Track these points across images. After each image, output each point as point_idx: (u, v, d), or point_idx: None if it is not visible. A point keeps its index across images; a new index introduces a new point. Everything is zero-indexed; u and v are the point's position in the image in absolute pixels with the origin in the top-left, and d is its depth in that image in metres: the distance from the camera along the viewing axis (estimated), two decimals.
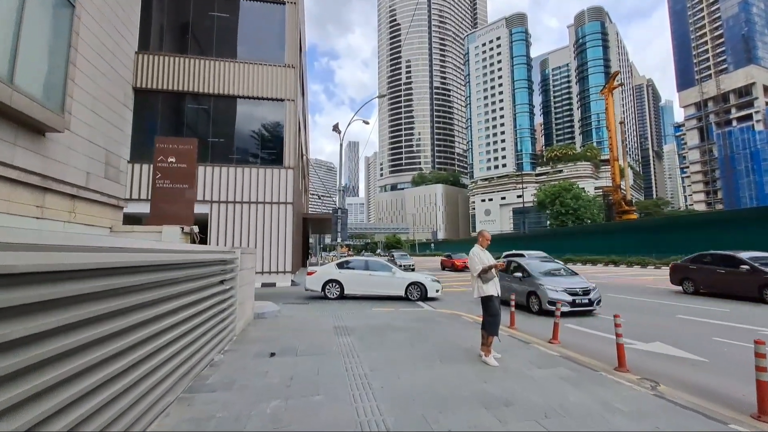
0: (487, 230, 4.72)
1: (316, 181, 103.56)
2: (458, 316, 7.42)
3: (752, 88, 78.72)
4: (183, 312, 3.18)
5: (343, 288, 10.24)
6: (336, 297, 10.21)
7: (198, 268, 3.82)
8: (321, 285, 10.29)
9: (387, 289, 10.14)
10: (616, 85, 46.49)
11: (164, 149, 6.38)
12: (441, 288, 10.41)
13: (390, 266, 10.54)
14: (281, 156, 16.12)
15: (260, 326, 6.14)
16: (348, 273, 10.33)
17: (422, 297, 10.05)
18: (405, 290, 10.07)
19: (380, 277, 10.18)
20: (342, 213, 20.81)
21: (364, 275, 10.25)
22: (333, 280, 10.31)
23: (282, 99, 16.24)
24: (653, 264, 23.73)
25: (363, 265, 10.56)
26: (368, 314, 7.54)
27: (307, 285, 10.53)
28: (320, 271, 10.65)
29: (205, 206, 15.06)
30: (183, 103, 15.63)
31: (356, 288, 10.22)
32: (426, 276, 10.50)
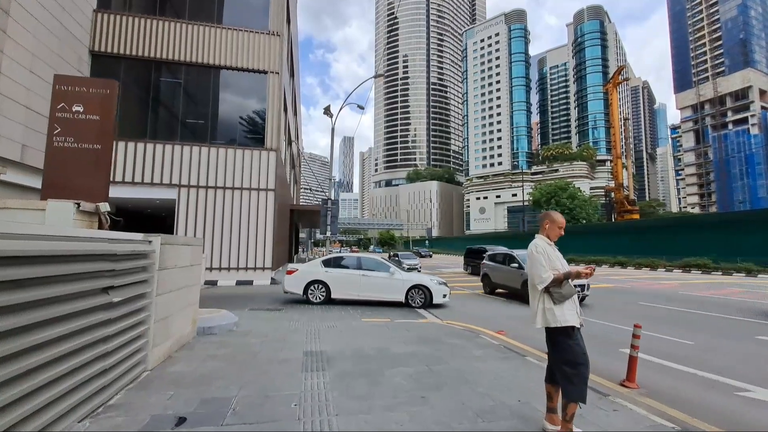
0: (557, 213, 2.82)
1: (310, 176, 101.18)
2: (476, 333, 5.61)
3: (749, 92, 78.70)
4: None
5: (330, 291, 8.47)
6: (320, 301, 8.44)
7: (49, 265, 1.97)
8: (303, 287, 8.51)
9: (383, 293, 8.35)
10: (621, 80, 45.10)
11: (66, 93, 4.41)
12: (449, 293, 8.63)
13: (388, 265, 8.68)
14: (262, 136, 14.12)
15: (198, 351, 4.25)
16: (336, 273, 8.53)
17: (426, 303, 8.31)
18: (405, 295, 8.30)
19: (375, 279, 8.38)
20: (332, 204, 18.90)
21: (355, 276, 8.44)
22: (317, 282, 8.52)
23: (264, 71, 14.21)
24: (663, 266, 22.34)
25: (354, 263, 8.76)
26: (356, 329, 5.69)
27: (286, 286, 8.72)
28: (302, 269, 8.80)
29: (171, 191, 13.03)
30: (150, 71, 13.51)
31: (346, 291, 8.44)
32: (431, 278, 8.73)
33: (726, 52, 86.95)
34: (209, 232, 13.10)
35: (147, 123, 13.32)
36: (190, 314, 4.77)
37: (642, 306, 8.96)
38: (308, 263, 9.31)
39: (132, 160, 12.78)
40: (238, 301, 8.62)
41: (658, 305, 9.05)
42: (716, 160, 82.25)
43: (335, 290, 8.45)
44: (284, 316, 6.70)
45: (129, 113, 13.29)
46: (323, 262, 8.80)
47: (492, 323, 6.78)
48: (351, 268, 8.59)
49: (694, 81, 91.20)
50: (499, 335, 5.78)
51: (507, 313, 8.05)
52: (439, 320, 6.94)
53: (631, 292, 11.96)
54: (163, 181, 12.95)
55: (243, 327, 5.62)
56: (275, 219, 13.82)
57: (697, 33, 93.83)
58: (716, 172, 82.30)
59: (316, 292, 8.52)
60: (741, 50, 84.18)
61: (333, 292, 8.46)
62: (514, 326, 6.51)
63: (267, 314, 6.90)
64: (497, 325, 6.61)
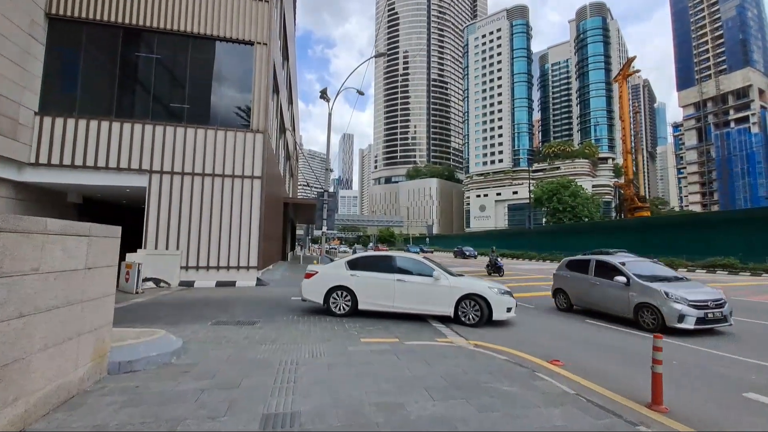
0: None
1: (309, 173, 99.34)
2: (525, 365, 3.90)
3: (749, 91, 77.76)
4: None
5: (356, 299, 6.61)
6: (345, 313, 6.60)
7: None
8: (323, 294, 6.73)
9: (425, 303, 6.40)
10: (631, 72, 43.44)
11: None
12: (515, 306, 6.43)
13: (430, 267, 6.64)
14: (248, 116, 12.35)
15: (81, 414, 2.53)
16: (364, 277, 6.63)
17: (483, 319, 6.13)
18: (455, 307, 6.26)
19: (414, 285, 6.44)
20: (329, 197, 17.17)
21: (389, 281, 6.49)
22: (341, 288, 6.68)
23: (251, 42, 12.41)
24: (684, 266, 20.78)
25: (388, 264, 6.75)
26: (351, 360, 3.96)
27: (304, 293, 6.96)
28: (323, 272, 6.94)
29: (141, 177, 11.26)
30: (117, 39, 11.68)
31: (376, 300, 6.53)
32: (489, 284, 6.45)
33: (728, 51, 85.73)
34: (185, 226, 11.35)
35: (113, 99, 11.51)
36: (90, 345, 3.05)
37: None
38: (331, 264, 7.41)
39: (95, 141, 10.99)
40: (207, 310, 6.90)
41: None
42: (719, 158, 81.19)
43: (363, 299, 6.58)
44: (256, 335, 4.98)
45: (92, 87, 11.50)
46: (349, 263, 6.90)
47: (534, 343, 5.11)
48: (383, 271, 6.63)
49: (696, 79, 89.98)
50: (553, 365, 4.12)
51: (575, 332, 6.31)
52: (464, 339, 5.25)
53: None
54: (131, 165, 11.17)
55: (188, 357, 3.90)
56: (263, 211, 12.09)
57: (700, 31, 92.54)
58: (718, 170, 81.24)
59: (339, 301, 6.67)
60: (741, 49, 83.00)
61: (360, 302, 6.59)
62: (569, 350, 4.85)
63: (234, 332, 5.17)
64: (544, 347, 4.95)
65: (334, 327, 5.73)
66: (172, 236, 11.20)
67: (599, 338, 5.66)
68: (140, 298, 8.56)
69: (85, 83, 11.44)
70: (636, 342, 5.38)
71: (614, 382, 3.69)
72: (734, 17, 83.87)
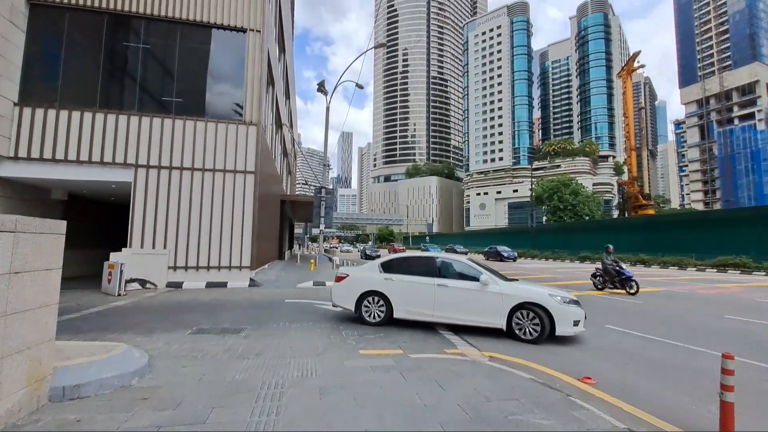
0: None
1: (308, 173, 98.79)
2: (557, 388, 3.28)
3: (755, 86, 76.86)
4: None
5: (391, 306, 5.81)
6: (378, 321, 5.84)
7: None
8: (354, 300, 5.99)
9: (471, 313, 5.44)
10: (636, 67, 42.68)
11: None
12: (584, 318, 5.28)
13: (477, 270, 5.65)
14: (240, 108, 11.68)
15: None
16: (400, 281, 5.84)
17: (544, 334, 5.04)
18: (508, 319, 5.26)
19: (458, 292, 5.50)
20: (327, 194, 16.55)
21: (428, 286, 5.63)
22: (374, 293, 5.93)
23: (243, 29, 11.74)
24: (693, 265, 20.19)
25: (428, 266, 5.89)
26: (347, 381, 3.32)
27: (335, 299, 6.28)
28: (354, 276, 6.21)
29: (126, 172, 10.60)
30: (101, 26, 10.99)
31: (413, 308, 5.69)
32: (549, 291, 5.41)
33: (733, 46, 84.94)
34: (173, 223, 10.70)
35: (98, 89, 10.83)
36: (19, 369, 2.42)
37: (729, 320, 6.70)
38: (363, 266, 6.56)
39: (77, 133, 10.33)
40: (190, 315, 6.27)
41: (748, 319, 6.79)
42: (721, 155, 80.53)
43: (399, 306, 5.77)
44: (239, 347, 4.35)
45: (75, 77, 10.82)
46: (382, 265, 6.15)
47: (552, 352, 4.48)
48: (421, 274, 5.80)
49: (699, 75, 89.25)
50: (585, 384, 3.49)
51: (593, 337, 5.70)
52: (476, 350, 4.61)
53: (692, 297, 9.71)
54: (116, 159, 10.52)
55: (153, 377, 3.26)
56: (256, 208, 11.44)
57: (704, 26, 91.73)
58: (721, 168, 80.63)
59: (372, 309, 5.91)
60: (749, 44, 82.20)
61: (396, 309, 5.79)
62: (594, 361, 4.22)
63: (215, 342, 4.53)
64: (567, 358, 4.32)
65: (330, 336, 5.09)
66: (159, 234, 10.56)
67: (625, 345, 5.02)
68: (121, 300, 7.93)
69: (67, 72, 10.77)
70: (660, 348, 4.75)
71: (661, 405, 3.06)
72: (742, 10, 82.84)
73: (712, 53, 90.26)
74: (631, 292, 9.97)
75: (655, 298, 9.60)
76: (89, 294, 8.89)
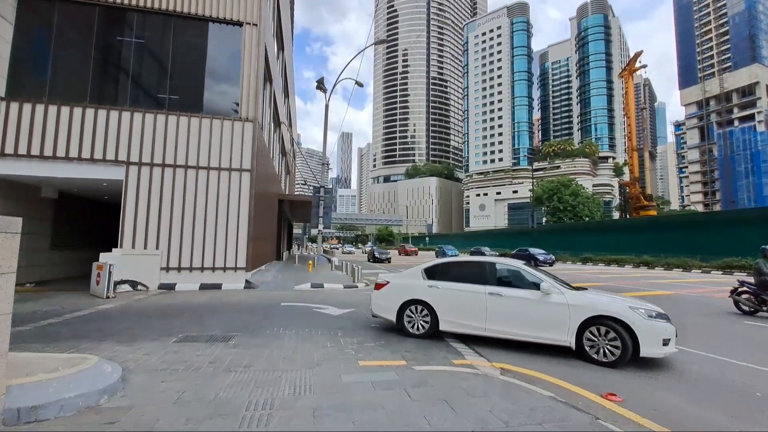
0: None
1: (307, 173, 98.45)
2: (580, 408, 2.91)
3: (755, 88, 76.82)
4: None
5: (437, 317, 5.15)
6: (423, 333, 5.19)
7: None
8: (396, 309, 5.40)
9: (531, 327, 4.62)
10: (637, 67, 42.40)
11: None
12: (675, 335, 4.32)
13: (536, 276, 4.87)
14: (236, 104, 11.31)
15: None
16: (446, 288, 5.16)
17: (624, 355, 4.17)
18: (577, 335, 4.40)
19: (515, 302, 4.72)
20: (325, 193, 16.19)
21: (479, 295, 4.90)
22: (417, 302, 5.30)
23: (239, 22, 11.38)
24: (698, 267, 19.86)
25: (478, 273, 5.13)
26: (345, 398, 2.92)
27: (374, 308, 5.73)
28: (395, 282, 5.62)
29: (117, 169, 10.22)
30: (92, 18, 10.62)
31: (462, 320, 5.00)
32: (632, 302, 4.50)
33: (733, 47, 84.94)
34: (166, 223, 10.31)
35: (88, 83, 10.44)
36: None
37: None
38: (405, 272, 5.88)
39: (67, 129, 9.94)
40: (178, 320, 5.88)
41: None
42: (721, 157, 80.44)
43: (445, 317, 5.10)
44: (227, 358, 3.97)
45: (65, 70, 10.45)
46: (426, 271, 5.50)
47: (569, 364, 4.11)
48: (470, 281, 5.08)
49: (699, 77, 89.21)
50: (610, 401, 3.13)
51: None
52: (485, 361, 4.24)
53: (711, 303, 9.35)
54: (107, 156, 10.14)
55: (125, 394, 2.89)
56: (252, 207, 11.06)
57: (704, 28, 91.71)
58: (721, 169, 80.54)
59: (415, 319, 5.29)
60: (748, 45, 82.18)
61: (441, 320, 5.12)
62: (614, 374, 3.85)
63: (201, 352, 4.15)
64: (587, 371, 3.96)
65: (327, 343, 4.72)
66: (152, 234, 10.17)
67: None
68: (109, 303, 7.55)
69: (57, 66, 10.39)
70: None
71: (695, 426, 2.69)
72: (742, 12, 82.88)
73: (712, 55, 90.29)
74: None
75: (668, 302, 9.21)
76: (77, 296, 8.51)
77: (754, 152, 73.94)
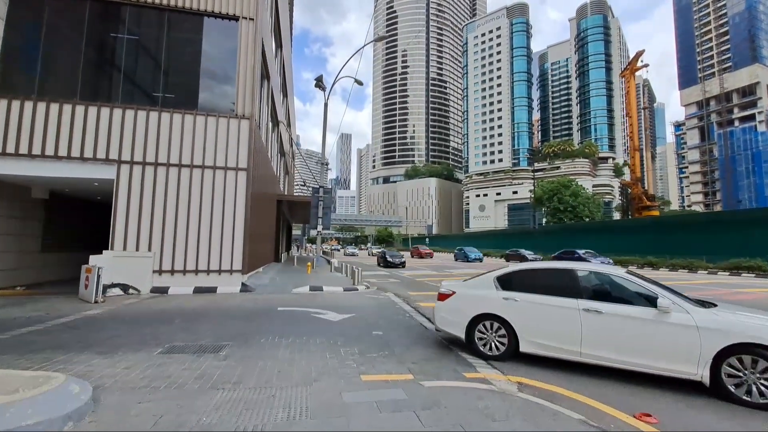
0: None
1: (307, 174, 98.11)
2: None
3: (756, 88, 76.76)
4: None
5: (516, 336, 4.31)
6: (499, 355, 4.38)
7: None
8: (464, 325, 4.61)
9: (646, 355, 3.62)
10: (639, 66, 42.14)
11: None
12: None
13: (651, 289, 3.83)
14: (231, 100, 10.94)
15: None
16: (527, 302, 4.32)
17: None
18: (712, 366, 3.32)
19: (622, 322, 3.75)
20: (324, 193, 15.83)
21: (571, 312, 3.99)
22: (490, 317, 4.49)
23: (235, 16, 11.02)
24: (704, 268, 19.51)
25: (566, 282, 4.23)
26: (348, 426, 2.60)
27: (438, 322, 4.99)
28: (462, 293, 4.83)
29: (108, 168, 9.84)
30: (83, 11, 10.25)
31: (551, 341, 4.11)
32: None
33: (733, 47, 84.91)
34: (158, 224, 9.93)
35: (78, 79, 10.06)
36: None
37: None
38: (473, 280, 5.03)
39: (55, 126, 9.56)
40: (167, 328, 5.50)
41: None
42: (722, 157, 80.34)
43: (526, 336, 4.23)
44: (215, 373, 3.58)
45: (55, 65, 10.08)
46: (499, 280, 4.65)
47: (590, 374, 3.74)
48: (558, 293, 4.16)
49: (699, 77, 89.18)
50: (645, 423, 2.76)
51: None
52: (499, 373, 3.87)
53: None
54: (97, 155, 9.75)
55: (95, 419, 2.51)
56: (248, 207, 10.68)
57: (704, 28, 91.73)
58: (721, 170, 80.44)
59: (489, 337, 4.46)
60: (749, 45, 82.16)
61: (522, 340, 4.25)
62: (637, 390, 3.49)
63: (187, 365, 3.77)
64: (611, 385, 3.59)
65: (326, 354, 4.34)
66: (144, 236, 9.78)
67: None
68: (97, 309, 7.16)
69: (47, 62, 10.02)
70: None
71: None
72: (742, 12, 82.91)
73: (712, 55, 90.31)
74: None
75: None
76: (65, 301, 8.12)
77: (755, 152, 73.83)
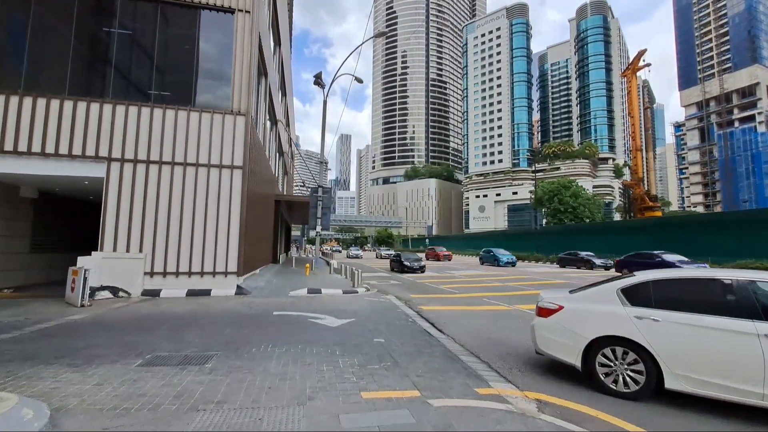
0: None
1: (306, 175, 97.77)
2: None
3: (756, 89, 76.67)
4: None
5: (660, 368, 3.17)
6: (633, 392, 3.29)
7: None
8: (581, 349, 3.57)
9: None
10: (641, 66, 41.87)
11: None
12: None
13: None
14: (227, 95, 10.57)
15: None
16: (673, 323, 3.18)
17: None
18: None
19: None
20: (323, 193, 15.45)
21: (747, 338, 2.86)
22: (618, 340, 3.41)
23: (230, 9, 10.65)
24: None
25: (729, 297, 3.15)
26: None
27: (541, 343, 3.99)
28: (572, 307, 3.80)
29: (98, 166, 9.45)
30: (72, 3, 9.88)
31: (716, 377, 2.94)
32: None
33: (733, 48, 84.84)
34: (150, 224, 9.54)
35: (67, 73, 9.68)
36: None
37: None
38: (588, 291, 3.92)
39: (42, 122, 9.17)
40: (151, 335, 5.10)
41: None
42: (722, 158, 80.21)
43: (676, 369, 3.12)
44: (196, 390, 3.19)
45: (42, 59, 9.69)
46: (625, 292, 3.56)
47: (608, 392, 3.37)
48: (715, 311, 3.10)
49: (699, 78, 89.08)
50: None
51: None
52: (515, 388, 3.48)
53: None
54: (86, 152, 9.36)
55: None
56: (244, 207, 10.30)
57: (704, 28, 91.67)
58: (721, 170, 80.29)
59: (617, 368, 3.40)
60: (749, 46, 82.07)
61: (669, 374, 3.15)
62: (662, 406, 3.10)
63: (167, 380, 3.38)
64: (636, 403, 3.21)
65: (323, 366, 3.95)
66: (135, 236, 9.39)
67: None
68: (81, 313, 6.76)
69: (33, 55, 9.63)
70: None
71: None
72: (742, 13, 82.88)
73: (712, 56, 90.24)
74: None
75: None
76: (49, 304, 7.73)
77: (755, 153, 73.68)
